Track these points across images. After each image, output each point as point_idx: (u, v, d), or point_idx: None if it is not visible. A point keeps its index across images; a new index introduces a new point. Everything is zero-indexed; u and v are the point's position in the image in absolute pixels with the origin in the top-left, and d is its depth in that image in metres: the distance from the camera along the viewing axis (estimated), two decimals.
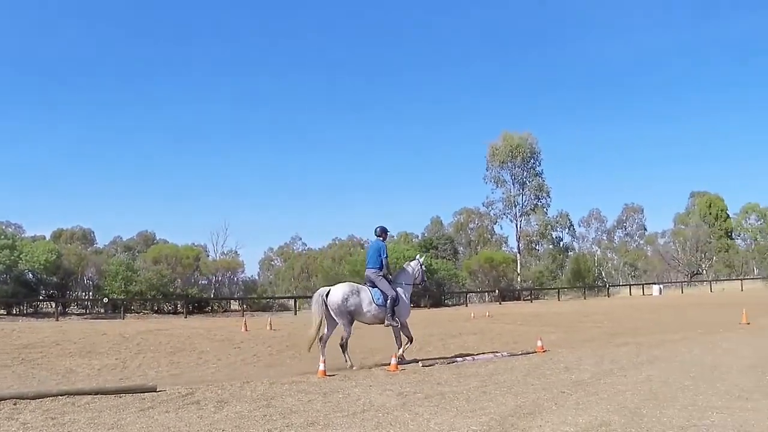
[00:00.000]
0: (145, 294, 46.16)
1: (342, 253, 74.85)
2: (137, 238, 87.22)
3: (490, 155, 72.44)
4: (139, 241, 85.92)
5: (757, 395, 8.81)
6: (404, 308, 14.27)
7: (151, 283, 46.50)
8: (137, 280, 46.10)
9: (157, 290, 46.81)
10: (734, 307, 28.46)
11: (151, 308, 46.43)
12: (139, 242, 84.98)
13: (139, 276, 46.83)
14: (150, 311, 45.74)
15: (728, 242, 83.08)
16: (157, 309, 46.45)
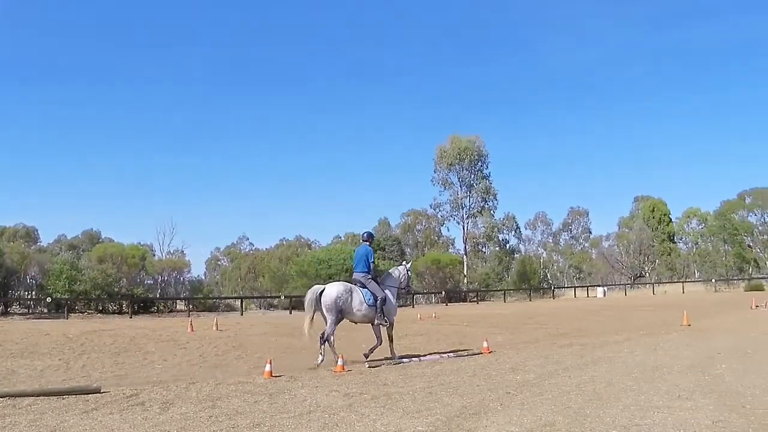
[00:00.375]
0: (90, 293, 45.35)
1: (289, 253, 74.47)
2: (82, 237, 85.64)
3: (438, 157, 72.71)
4: (84, 239, 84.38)
5: (696, 395, 8.96)
6: (392, 308, 14.78)
7: (95, 283, 45.70)
8: (82, 280, 45.25)
9: (101, 290, 46.02)
10: (676, 309, 28.97)
11: (96, 308, 45.60)
12: (84, 241, 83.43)
13: (84, 275, 45.96)
14: (94, 311, 44.95)
15: (670, 246, 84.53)
16: (101, 309, 45.64)
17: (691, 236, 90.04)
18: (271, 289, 58.13)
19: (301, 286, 51.05)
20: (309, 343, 14.18)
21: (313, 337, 13.85)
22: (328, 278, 49.09)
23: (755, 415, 7.64)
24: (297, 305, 47.92)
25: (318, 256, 54.51)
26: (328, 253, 54.81)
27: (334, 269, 49.91)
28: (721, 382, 9.97)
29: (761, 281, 61.48)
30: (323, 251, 59.23)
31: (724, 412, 7.87)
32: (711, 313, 27.38)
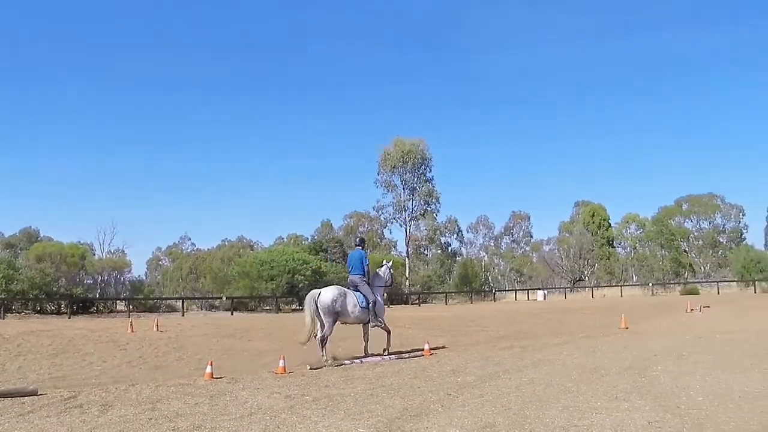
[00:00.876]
0: (27, 293, 44.22)
1: (231, 254, 73.85)
2: (20, 235, 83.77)
3: (382, 160, 72.84)
4: (21, 237, 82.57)
5: (633, 396, 9.11)
6: (380, 308, 15.92)
7: (33, 282, 44.61)
8: (19, 279, 44.12)
9: (39, 289, 44.92)
10: (614, 312, 29.44)
11: (33, 308, 44.50)
12: (21, 239, 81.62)
13: (21, 274, 44.83)
14: (32, 311, 43.84)
15: (609, 250, 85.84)
16: (39, 309, 44.56)
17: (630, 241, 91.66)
18: (212, 290, 57.54)
19: (243, 287, 50.67)
20: (307, 343, 14.75)
21: (313, 343, 14.68)
22: (270, 280, 48.89)
23: (689, 415, 7.80)
24: (238, 306, 47.62)
25: (260, 257, 54.13)
26: (271, 254, 54.47)
27: (277, 271, 49.66)
28: (657, 383, 10.14)
29: (696, 285, 62.74)
30: (265, 252, 58.86)
31: (659, 412, 8.02)
32: (648, 316, 27.83)
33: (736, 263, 66.75)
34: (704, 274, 77.66)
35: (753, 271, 60.81)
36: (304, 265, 51.69)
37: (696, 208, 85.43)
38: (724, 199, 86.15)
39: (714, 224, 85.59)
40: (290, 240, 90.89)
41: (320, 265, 54.98)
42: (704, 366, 11.91)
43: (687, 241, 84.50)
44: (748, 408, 8.20)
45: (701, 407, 8.28)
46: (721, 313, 28.22)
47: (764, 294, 51.43)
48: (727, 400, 8.67)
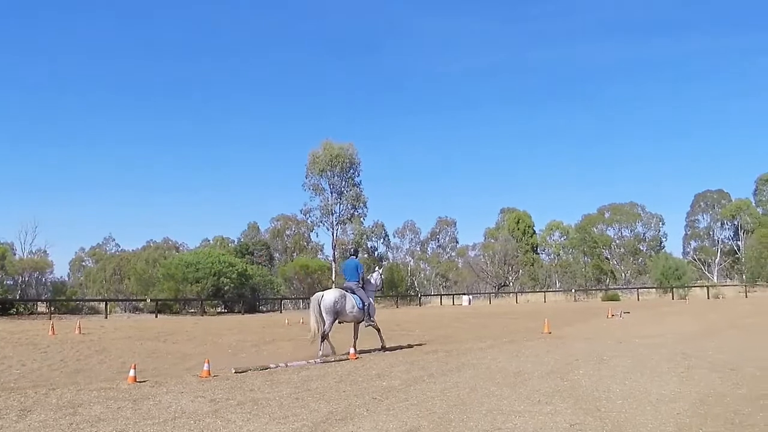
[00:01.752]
0: None
1: (156, 255, 72.80)
2: None
3: (311, 163, 72.52)
4: None
5: (556, 399, 9.26)
6: (373, 310, 17.77)
7: None
8: None
9: None
10: (537, 317, 29.86)
11: None
12: None
13: None
14: None
15: (534, 256, 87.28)
16: None
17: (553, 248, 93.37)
18: (137, 292, 56.69)
19: (168, 289, 50.00)
20: (313, 340, 16.32)
21: (317, 340, 16.22)
22: (195, 282, 48.34)
23: (609, 418, 7.96)
24: (163, 309, 46.92)
25: (186, 259, 53.49)
26: (197, 256, 53.92)
27: (202, 273, 49.14)
28: (579, 386, 10.32)
29: (617, 292, 64.15)
30: (191, 254, 58.23)
31: (580, 415, 8.16)
32: (570, 321, 28.28)
33: (655, 270, 68.40)
34: (625, 280, 79.45)
35: (671, 279, 62.44)
36: (230, 268, 51.30)
37: (618, 217, 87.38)
38: (644, 208, 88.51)
39: (635, 232, 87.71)
40: (216, 242, 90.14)
41: (246, 268, 54.62)
42: (624, 370, 12.16)
43: (609, 248, 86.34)
44: (665, 410, 8.41)
45: (621, 410, 8.45)
46: (641, 319, 28.85)
47: (681, 300, 52.79)
48: (645, 403, 8.87)
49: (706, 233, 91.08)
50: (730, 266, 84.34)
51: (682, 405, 8.73)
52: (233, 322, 33.23)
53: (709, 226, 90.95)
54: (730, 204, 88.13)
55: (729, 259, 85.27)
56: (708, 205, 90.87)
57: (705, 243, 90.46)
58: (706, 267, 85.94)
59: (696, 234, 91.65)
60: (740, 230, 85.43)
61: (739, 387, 10.12)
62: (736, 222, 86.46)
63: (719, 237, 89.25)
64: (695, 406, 8.69)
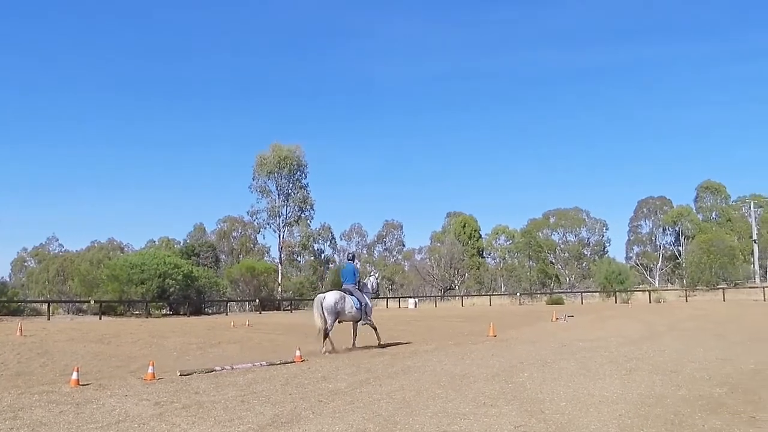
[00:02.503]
0: None
1: (101, 256, 71.69)
2: None
3: (258, 165, 72.15)
4: None
5: (500, 401, 9.33)
6: (370, 310, 19.51)
7: None
8: None
9: None
10: (483, 320, 30.07)
11: None
12: None
13: None
14: None
15: (479, 260, 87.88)
16: None
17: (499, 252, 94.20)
18: (80, 294, 55.73)
19: (112, 291, 49.27)
20: (318, 337, 17.82)
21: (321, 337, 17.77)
22: (140, 284, 47.71)
23: (553, 420, 8.05)
24: (107, 310, 46.20)
25: (131, 260, 52.74)
26: (142, 257, 53.21)
27: (147, 274, 48.53)
28: (523, 389, 10.41)
29: (561, 295, 64.94)
30: (136, 255, 57.48)
31: (525, 417, 8.24)
32: (515, 324, 28.53)
33: (598, 275, 69.37)
34: (569, 284, 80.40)
35: (614, 283, 63.40)
36: (175, 270, 50.74)
37: (562, 222, 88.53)
38: (589, 213, 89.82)
39: (579, 237, 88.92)
40: (162, 243, 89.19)
41: (192, 270, 54.09)
42: (567, 373, 12.30)
43: (553, 252, 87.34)
44: (608, 411, 8.53)
45: (564, 412, 8.55)
46: (584, 322, 29.21)
47: (624, 304, 53.59)
48: (589, 405, 8.99)
49: (648, 239, 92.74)
50: (671, 271, 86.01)
51: (624, 406, 8.86)
52: (178, 324, 32.87)
53: (651, 231, 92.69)
54: (671, 210, 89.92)
55: (670, 264, 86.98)
56: (650, 212, 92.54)
57: (647, 248, 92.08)
58: (648, 272, 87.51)
59: (638, 239, 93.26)
60: (681, 236, 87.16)
61: (679, 388, 10.30)
62: (678, 228, 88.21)
63: (661, 242, 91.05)
64: (637, 407, 8.83)
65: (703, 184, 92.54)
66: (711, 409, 8.70)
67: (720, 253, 66.80)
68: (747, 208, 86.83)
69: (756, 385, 10.65)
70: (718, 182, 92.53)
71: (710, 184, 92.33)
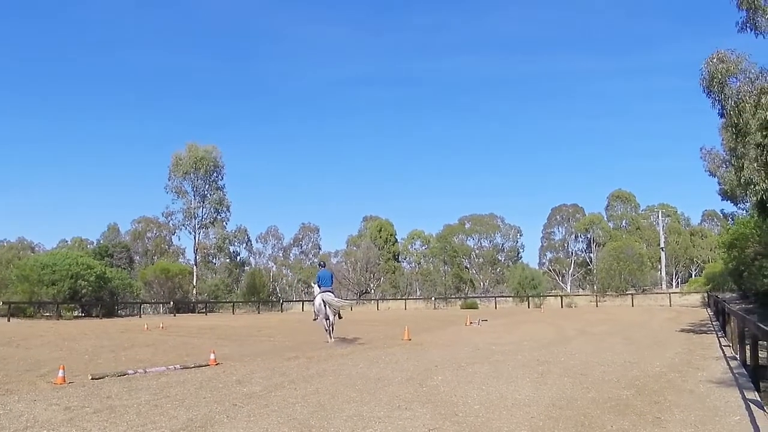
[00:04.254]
0: None
1: (10, 256, 69.53)
2: None
3: (174, 165, 71.04)
4: None
5: (415, 404, 9.43)
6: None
7: None
8: None
9: None
10: (398, 324, 30.27)
11: None
12: None
13: None
14: None
15: (395, 264, 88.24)
16: None
17: (415, 256, 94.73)
18: None
19: (21, 291, 47.84)
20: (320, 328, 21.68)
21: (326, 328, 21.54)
22: (51, 285, 46.45)
23: (467, 422, 8.19)
24: (16, 312, 44.87)
25: (41, 260, 51.27)
26: (53, 257, 51.78)
27: (59, 275, 47.29)
28: (437, 392, 10.54)
29: (476, 300, 65.70)
30: (48, 255, 55.91)
31: (439, 420, 8.36)
32: (430, 328, 28.76)
33: (512, 280, 70.32)
34: (483, 289, 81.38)
35: (527, 288, 64.40)
36: (88, 270, 49.55)
37: (478, 227, 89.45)
38: (504, 219, 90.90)
39: (494, 243, 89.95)
40: (74, 243, 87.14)
41: (105, 271, 52.95)
42: (481, 376, 12.50)
43: (468, 258, 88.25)
44: (520, 414, 8.71)
45: (478, 414, 8.70)
46: (498, 327, 29.62)
47: (536, 309, 54.51)
48: (501, 407, 9.16)
49: (561, 245, 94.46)
50: (582, 277, 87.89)
51: (536, 409, 9.06)
52: (91, 326, 32.20)
53: (563, 238, 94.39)
54: (584, 218, 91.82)
55: (581, 270, 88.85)
56: (563, 219, 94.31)
57: (560, 254, 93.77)
58: (560, 277, 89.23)
59: (551, 246, 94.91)
60: (593, 243, 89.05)
61: (589, 391, 10.58)
62: (589, 235, 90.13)
63: (573, 249, 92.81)
64: (548, 409, 9.04)
65: (614, 193, 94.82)
66: (619, 410, 8.97)
67: (629, 260, 68.41)
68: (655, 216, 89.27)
69: (661, 387, 11.01)
70: (628, 191, 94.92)
71: (621, 193, 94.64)
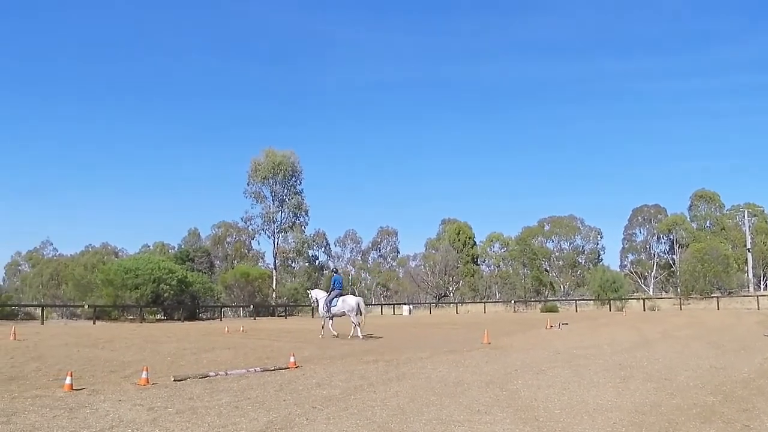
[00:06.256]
0: None
1: (95, 261, 71.50)
2: None
3: (252, 170, 71.97)
4: None
5: (495, 409, 9.32)
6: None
7: None
8: None
9: None
10: (477, 328, 30.05)
11: None
12: None
13: None
14: None
15: (474, 267, 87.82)
16: None
17: (494, 259, 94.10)
18: (74, 298, 55.60)
19: (106, 295, 49.12)
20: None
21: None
22: (135, 288, 47.56)
23: (547, 428, 8.05)
24: (101, 315, 46.08)
25: (125, 265, 52.54)
26: (136, 262, 53.02)
27: (141, 279, 48.38)
28: (517, 396, 10.40)
29: (556, 303, 64.92)
30: (131, 260, 57.23)
31: (519, 424, 8.24)
32: (510, 332, 28.49)
33: (593, 283, 69.33)
34: (563, 292, 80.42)
35: (608, 291, 63.38)
36: (169, 275, 50.60)
37: (557, 229, 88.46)
38: (583, 221, 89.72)
39: (574, 245, 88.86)
40: (156, 248, 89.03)
41: (186, 275, 53.94)
42: (562, 380, 12.30)
43: (548, 260, 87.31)
44: (602, 420, 8.53)
45: (558, 420, 8.55)
46: (579, 330, 29.21)
47: (618, 312, 53.63)
48: (583, 413, 8.99)
49: (642, 247, 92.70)
50: (665, 279, 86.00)
51: (618, 414, 8.86)
52: (173, 329, 32.83)
53: (645, 240, 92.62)
54: (666, 219, 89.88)
55: (664, 272, 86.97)
56: (645, 220, 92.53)
57: (641, 256, 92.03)
58: (642, 280, 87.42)
59: (633, 247, 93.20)
60: (676, 244, 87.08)
61: (673, 396, 10.31)
62: (672, 236, 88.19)
63: (655, 251, 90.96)
64: (631, 415, 8.83)
65: (698, 193, 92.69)
66: (705, 417, 8.71)
67: (714, 261, 66.78)
68: (741, 216, 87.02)
69: (749, 393, 10.66)
70: (712, 191, 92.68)
71: (704, 192, 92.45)
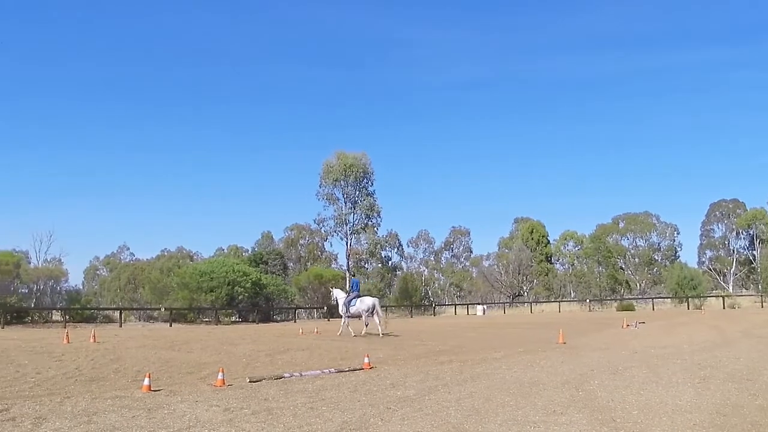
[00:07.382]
0: None
1: (170, 264, 72.79)
2: None
3: (324, 173, 72.36)
4: None
5: (571, 409, 9.22)
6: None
7: None
8: None
9: None
10: (552, 327, 29.72)
11: None
12: None
13: None
14: None
15: (548, 266, 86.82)
16: None
17: (568, 257, 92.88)
18: (151, 301, 56.69)
19: (182, 298, 49.93)
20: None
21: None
22: (210, 291, 48.28)
23: (624, 429, 7.93)
24: (177, 318, 46.89)
25: (200, 268, 53.34)
26: (211, 265, 53.73)
27: (216, 282, 49.05)
28: (594, 397, 10.28)
29: (632, 302, 63.86)
30: (205, 263, 58.06)
31: (596, 425, 8.13)
32: (585, 331, 28.19)
33: (670, 280, 67.96)
34: (640, 290, 79.00)
35: (686, 289, 62.05)
36: (244, 277, 51.14)
37: (632, 227, 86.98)
38: (659, 218, 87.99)
39: (649, 242, 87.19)
40: (230, 251, 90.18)
41: (260, 278, 54.48)
42: (639, 380, 12.11)
43: (623, 258, 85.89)
44: (681, 421, 8.37)
45: (636, 420, 8.41)
46: (656, 329, 28.73)
47: (697, 310, 52.52)
48: (661, 413, 8.83)
49: (721, 243, 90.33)
50: (745, 276, 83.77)
51: (698, 416, 8.69)
52: (247, 331, 33.25)
53: (724, 235, 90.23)
54: (745, 213, 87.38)
55: (744, 268, 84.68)
56: (723, 215, 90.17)
57: (720, 253, 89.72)
58: (721, 277, 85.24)
59: (711, 244, 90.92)
60: (756, 240, 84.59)
61: (756, 397, 10.06)
62: (752, 231, 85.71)
63: (734, 247, 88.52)
64: (712, 416, 8.64)
65: None
66: None
67: None
68: None
69: None
70: None
71: None
